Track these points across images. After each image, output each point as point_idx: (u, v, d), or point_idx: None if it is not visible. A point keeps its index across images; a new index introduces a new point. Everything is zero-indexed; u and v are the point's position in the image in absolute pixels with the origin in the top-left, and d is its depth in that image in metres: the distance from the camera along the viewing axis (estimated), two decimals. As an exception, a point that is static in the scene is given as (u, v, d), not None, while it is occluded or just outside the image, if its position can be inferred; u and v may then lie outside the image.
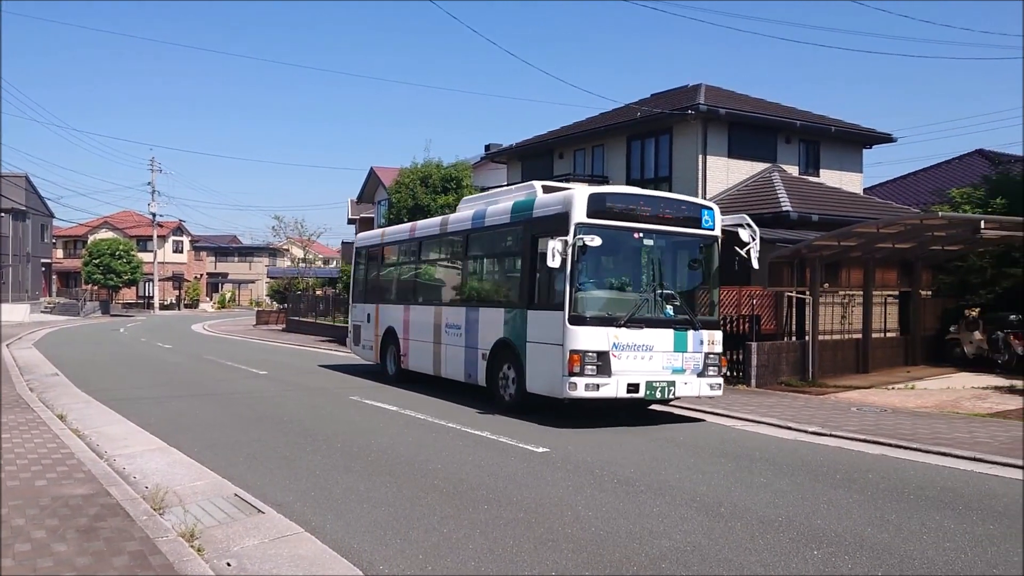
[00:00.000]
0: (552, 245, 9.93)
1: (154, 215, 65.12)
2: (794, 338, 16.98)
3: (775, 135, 23.28)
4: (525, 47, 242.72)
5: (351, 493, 6.75)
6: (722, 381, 11.09)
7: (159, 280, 67.97)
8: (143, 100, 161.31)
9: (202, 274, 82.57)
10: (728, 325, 14.94)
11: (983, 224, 13.71)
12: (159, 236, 68.28)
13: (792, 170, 23.23)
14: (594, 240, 10.00)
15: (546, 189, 12.04)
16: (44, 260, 66.04)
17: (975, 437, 9.70)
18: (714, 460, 8.47)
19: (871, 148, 26.13)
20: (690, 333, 10.65)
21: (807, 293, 16.54)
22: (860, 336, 17.92)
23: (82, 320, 49.08)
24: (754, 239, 11.30)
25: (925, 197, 26.00)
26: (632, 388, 10.14)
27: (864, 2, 50.31)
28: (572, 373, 9.94)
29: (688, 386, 10.63)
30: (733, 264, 11.98)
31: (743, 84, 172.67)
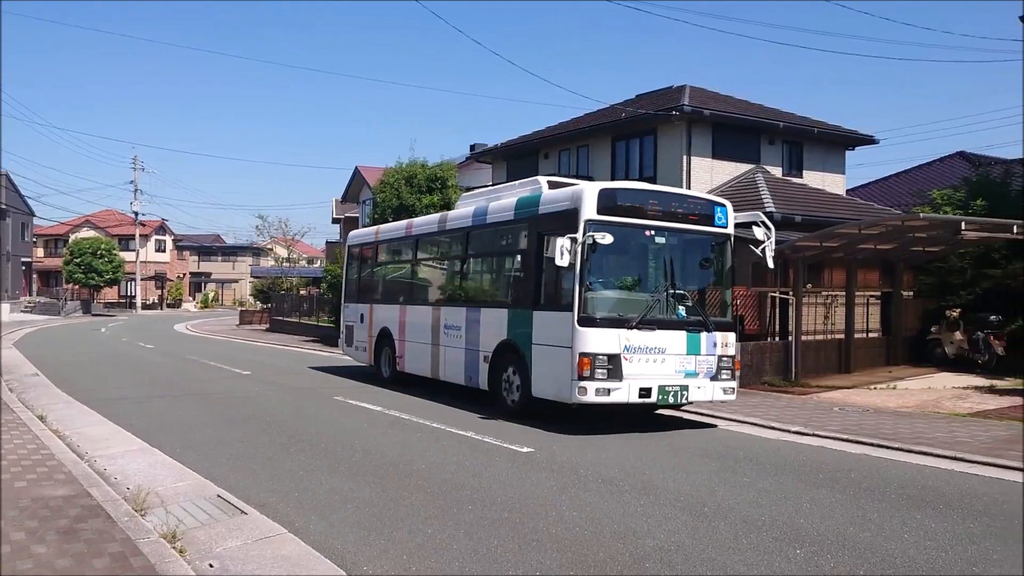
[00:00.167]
0: (561, 243, 9.56)
1: (136, 214, 64.70)
2: (777, 338, 17.09)
3: (759, 136, 23.37)
4: (510, 47, 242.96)
5: (335, 494, 6.73)
6: (736, 385, 10.72)
7: (141, 279, 67.44)
8: (126, 99, 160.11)
9: (185, 273, 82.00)
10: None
11: (963, 226, 13.85)
12: (141, 235, 67.81)
13: (776, 171, 23.33)
14: (605, 238, 9.64)
15: (551, 185, 11.60)
16: (24, 259, 65.30)
17: (955, 437, 9.79)
18: (698, 460, 8.51)
19: (854, 150, 26.25)
20: (703, 335, 10.30)
21: (790, 294, 16.65)
22: (843, 336, 18.05)
23: (63, 320, 48.63)
24: (769, 237, 10.92)
25: (907, 198, 26.19)
26: (644, 393, 9.78)
27: (845, 4, 50.85)
28: (582, 377, 9.53)
29: (701, 390, 10.27)
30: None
31: (727, 85, 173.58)
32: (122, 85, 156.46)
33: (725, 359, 10.48)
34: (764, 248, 10.92)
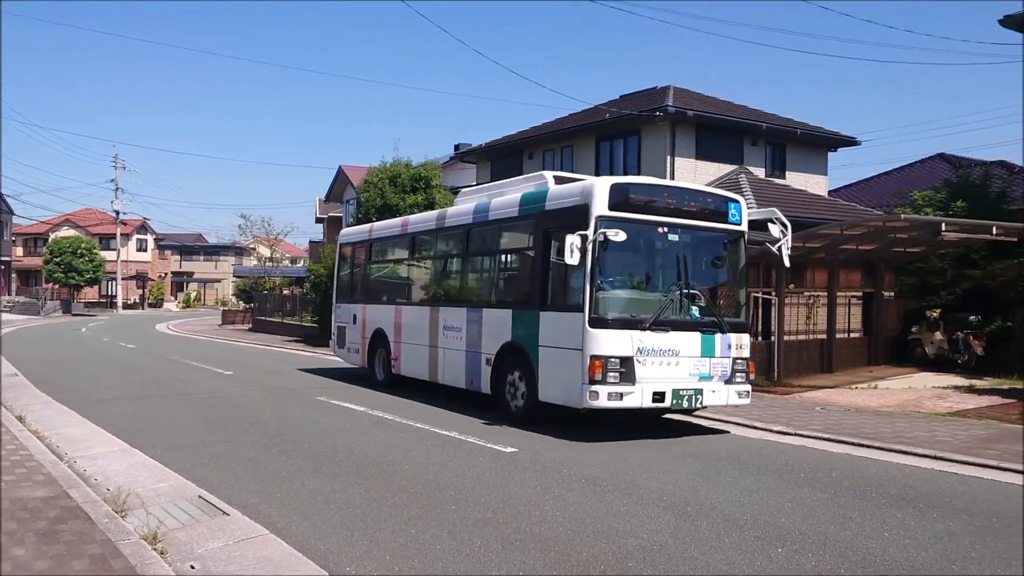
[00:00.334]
0: (570, 240, 9.07)
1: (117, 213, 64.11)
2: (760, 338, 17.17)
3: (742, 137, 23.51)
4: (494, 47, 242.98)
5: (317, 494, 6.70)
6: (750, 388, 10.29)
7: (122, 279, 66.81)
8: (107, 97, 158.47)
9: (167, 273, 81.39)
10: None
11: (944, 226, 13.99)
12: (123, 234, 67.18)
13: (759, 172, 23.48)
14: (618, 235, 9.15)
15: (557, 180, 11.22)
16: (3, 258, 64.67)
17: (936, 436, 9.88)
18: (681, 459, 8.54)
19: (836, 151, 26.49)
20: (718, 336, 9.92)
21: (773, 294, 16.74)
22: (825, 336, 18.17)
23: (43, 319, 48.15)
24: (785, 234, 10.49)
25: (888, 199, 26.38)
26: (658, 397, 9.36)
27: (828, 6, 51.25)
28: (593, 381, 9.09)
29: (716, 394, 9.85)
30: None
31: (712, 86, 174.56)
32: (103, 84, 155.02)
33: (740, 361, 10.11)
34: (780, 246, 10.52)
